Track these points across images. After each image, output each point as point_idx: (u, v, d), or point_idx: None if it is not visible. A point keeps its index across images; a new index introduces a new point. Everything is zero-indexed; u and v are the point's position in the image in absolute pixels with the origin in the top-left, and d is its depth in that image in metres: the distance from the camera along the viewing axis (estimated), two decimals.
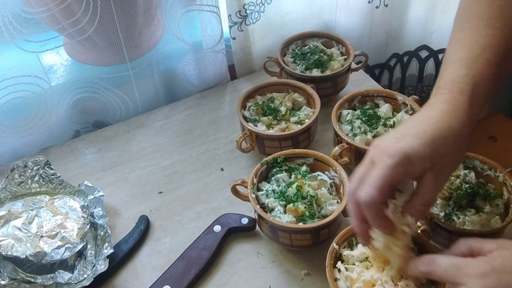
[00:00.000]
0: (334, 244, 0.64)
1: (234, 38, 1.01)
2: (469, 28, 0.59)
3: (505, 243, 0.50)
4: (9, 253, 0.66)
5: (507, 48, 0.57)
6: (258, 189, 0.73)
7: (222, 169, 0.86)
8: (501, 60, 0.57)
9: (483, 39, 0.57)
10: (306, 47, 0.99)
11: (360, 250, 0.62)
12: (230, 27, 0.99)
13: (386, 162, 0.52)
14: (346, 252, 0.64)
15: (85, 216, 0.73)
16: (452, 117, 0.55)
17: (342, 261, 0.64)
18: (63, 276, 0.67)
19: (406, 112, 0.82)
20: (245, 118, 0.84)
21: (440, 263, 0.50)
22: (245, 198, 0.73)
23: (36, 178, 0.77)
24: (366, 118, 0.81)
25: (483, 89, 0.56)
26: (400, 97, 0.83)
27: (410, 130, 0.54)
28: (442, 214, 0.69)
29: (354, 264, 0.63)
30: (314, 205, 0.70)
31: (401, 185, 0.56)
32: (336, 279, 0.62)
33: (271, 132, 0.82)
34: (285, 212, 0.69)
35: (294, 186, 0.70)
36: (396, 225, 0.54)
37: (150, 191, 0.84)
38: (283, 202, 0.70)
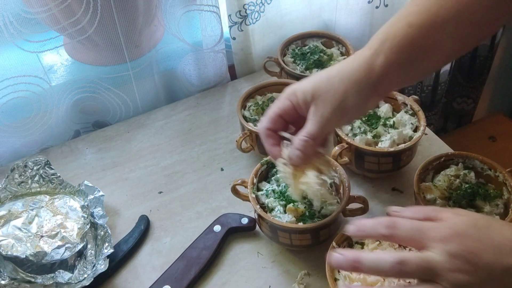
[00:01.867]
0: (334, 244, 0.64)
1: (234, 38, 1.01)
2: (410, 5, 0.60)
3: (460, 211, 0.52)
4: (9, 253, 0.66)
5: (439, 18, 0.57)
6: (258, 189, 0.73)
7: (222, 169, 0.86)
8: (428, 26, 0.57)
9: (416, 7, 0.59)
10: (306, 47, 0.99)
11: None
12: (230, 27, 0.99)
13: (279, 97, 0.62)
14: None
15: (85, 216, 0.73)
16: (347, 63, 0.59)
17: None
18: (63, 276, 0.67)
19: (406, 112, 0.82)
20: (245, 118, 0.84)
21: (402, 227, 0.50)
22: (245, 198, 0.73)
23: (36, 178, 0.77)
24: (366, 118, 0.81)
25: (393, 45, 0.57)
26: (400, 97, 0.83)
27: (312, 75, 0.62)
28: None
29: None
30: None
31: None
32: (336, 279, 0.63)
33: None
34: (285, 212, 0.69)
35: None
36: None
37: (150, 191, 0.84)
38: (283, 202, 0.70)
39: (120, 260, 0.73)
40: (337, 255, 0.50)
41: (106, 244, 0.71)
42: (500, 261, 0.47)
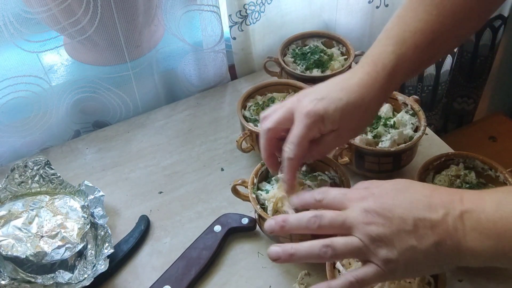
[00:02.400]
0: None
1: (234, 38, 1.01)
2: (410, 10, 0.63)
3: (398, 179, 0.55)
4: (9, 253, 0.66)
5: (437, 35, 0.62)
6: (258, 189, 0.73)
7: (222, 169, 0.86)
8: (429, 45, 0.62)
9: (418, 23, 0.62)
10: (307, 47, 0.99)
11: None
12: (231, 27, 0.99)
13: (304, 122, 0.60)
14: None
15: (85, 216, 0.73)
16: (368, 90, 0.60)
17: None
18: (63, 276, 0.67)
19: (406, 112, 0.82)
20: (245, 118, 0.84)
21: (331, 192, 0.56)
22: (245, 198, 0.73)
23: (36, 178, 0.77)
24: None
25: (404, 68, 0.62)
26: (400, 97, 0.83)
27: (330, 94, 0.60)
28: None
29: (350, 264, 0.63)
30: None
31: None
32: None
33: None
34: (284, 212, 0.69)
35: None
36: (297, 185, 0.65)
37: (150, 191, 0.84)
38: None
39: (120, 260, 0.72)
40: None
41: (106, 244, 0.70)
42: (412, 213, 0.50)
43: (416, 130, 0.80)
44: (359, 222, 0.51)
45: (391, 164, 0.78)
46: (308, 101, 0.60)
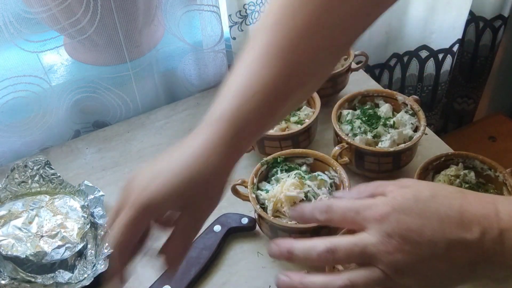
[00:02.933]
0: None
1: (234, 38, 1.01)
2: (259, 47, 0.50)
3: (406, 181, 0.47)
4: (9, 252, 0.66)
5: (289, 88, 0.50)
6: (258, 189, 0.73)
7: None
8: (274, 101, 0.49)
9: (267, 76, 0.49)
10: None
11: None
12: (230, 27, 0.99)
13: (127, 214, 0.48)
14: None
15: (85, 216, 0.73)
16: (208, 167, 0.47)
17: None
18: (63, 275, 0.67)
19: (406, 112, 0.82)
20: None
21: (337, 210, 0.47)
22: (245, 198, 0.73)
23: (36, 178, 0.77)
24: (366, 118, 0.81)
25: (248, 133, 0.50)
26: (400, 97, 0.83)
27: (165, 168, 0.49)
28: None
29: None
30: None
31: None
32: None
33: (271, 132, 0.82)
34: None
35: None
36: None
37: None
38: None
39: None
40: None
41: (106, 244, 0.70)
42: (444, 235, 0.42)
43: (415, 130, 0.80)
44: (381, 251, 0.43)
45: (390, 164, 0.78)
46: (139, 182, 0.50)
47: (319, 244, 0.45)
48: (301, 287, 0.45)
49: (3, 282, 0.64)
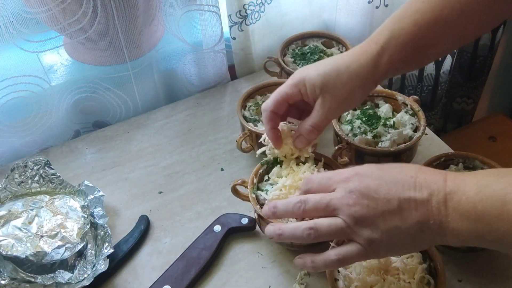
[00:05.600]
0: (333, 244, 0.64)
1: (234, 38, 1.01)
2: None
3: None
4: (9, 253, 0.66)
5: (442, 17, 0.61)
6: (258, 189, 0.73)
7: (222, 169, 0.86)
8: (431, 25, 0.61)
9: (422, 4, 0.62)
10: (306, 47, 0.99)
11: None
12: (230, 27, 0.99)
13: (287, 82, 0.65)
14: None
15: (85, 216, 0.73)
16: (355, 59, 0.62)
17: None
18: (63, 276, 0.67)
19: (406, 112, 0.82)
20: (245, 118, 0.84)
21: (315, 179, 0.57)
22: (245, 198, 0.73)
23: (36, 178, 0.77)
24: (366, 118, 0.81)
25: (399, 43, 0.62)
26: (400, 97, 0.83)
27: (318, 63, 0.65)
28: None
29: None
30: None
31: None
32: (335, 279, 0.63)
33: None
34: None
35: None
36: (284, 138, 0.68)
37: (150, 191, 0.84)
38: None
39: (120, 260, 0.73)
40: (269, 226, 0.58)
41: (106, 244, 0.71)
42: (398, 193, 0.50)
43: (415, 130, 0.80)
44: (343, 204, 0.52)
45: None
46: (299, 70, 0.66)
47: (295, 198, 0.56)
48: (280, 232, 0.56)
49: (3, 282, 0.64)
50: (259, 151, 0.72)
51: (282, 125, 0.68)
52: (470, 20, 0.63)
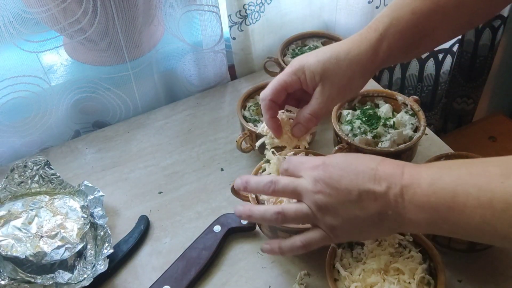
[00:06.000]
0: (333, 244, 0.64)
1: (234, 38, 1.01)
2: None
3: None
4: (9, 253, 0.66)
5: (440, 6, 0.62)
6: None
7: (222, 169, 0.86)
8: (430, 14, 0.62)
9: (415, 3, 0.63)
10: (306, 47, 0.99)
11: None
12: (230, 27, 0.99)
13: (285, 70, 0.65)
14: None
15: (85, 216, 0.73)
16: (355, 46, 0.63)
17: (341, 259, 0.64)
18: (63, 276, 0.67)
19: (406, 112, 0.82)
20: (245, 118, 0.84)
21: (292, 161, 0.59)
22: (245, 198, 0.73)
23: (36, 178, 0.77)
24: (366, 118, 0.81)
25: (397, 31, 0.62)
26: (400, 97, 0.83)
27: (317, 51, 0.64)
28: None
29: (350, 264, 0.64)
30: None
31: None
32: (335, 279, 0.63)
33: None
34: None
35: None
36: (283, 127, 0.68)
37: (150, 191, 0.84)
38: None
39: (120, 260, 0.72)
40: (239, 206, 0.60)
41: (106, 244, 0.70)
42: (358, 185, 0.52)
43: (415, 130, 0.80)
44: (308, 191, 0.55)
45: None
46: (297, 57, 0.65)
47: (267, 177, 0.59)
48: (249, 213, 0.59)
49: (2, 282, 0.64)
50: (258, 142, 0.73)
51: (281, 113, 0.68)
52: (466, 9, 0.64)
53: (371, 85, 1.01)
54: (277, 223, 0.58)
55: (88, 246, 0.71)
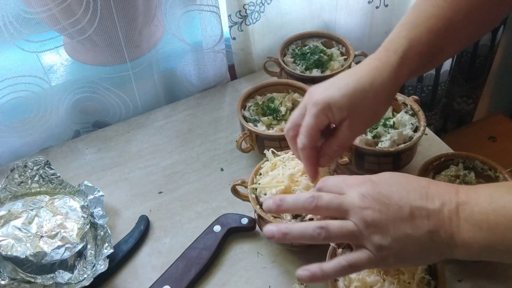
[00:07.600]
0: (333, 244, 0.64)
1: (234, 38, 1.01)
2: None
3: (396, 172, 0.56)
4: (9, 253, 0.66)
5: (452, 22, 0.62)
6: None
7: (222, 169, 0.86)
8: (444, 31, 0.62)
9: (432, 8, 0.62)
10: (306, 47, 0.99)
11: None
12: (230, 27, 0.99)
13: (311, 111, 0.60)
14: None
15: (85, 216, 0.73)
16: (378, 73, 0.60)
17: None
18: (63, 276, 0.67)
19: (406, 112, 0.82)
20: (245, 118, 0.84)
21: (330, 179, 0.56)
22: (245, 198, 0.73)
23: (36, 178, 0.77)
24: None
25: (417, 52, 0.61)
26: (400, 97, 0.83)
27: (337, 81, 0.61)
28: None
29: None
30: None
31: None
32: (335, 279, 0.63)
33: (271, 132, 0.82)
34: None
35: None
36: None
37: (150, 191, 0.84)
38: None
39: (120, 260, 0.73)
40: (271, 226, 0.55)
41: (106, 244, 0.71)
42: (410, 201, 0.50)
43: (415, 130, 0.80)
44: (355, 206, 0.51)
45: (391, 164, 0.78)
46: (317, 90, 0.62)
47: (306, 193, 0.56)
48: (287, 231, 0.54)
49: (2, 282, 0.64)
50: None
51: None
52: (474, 22, 0.63)
53: None
54: (318, 240, 0.52)
55: (88, 246, 0.71)
